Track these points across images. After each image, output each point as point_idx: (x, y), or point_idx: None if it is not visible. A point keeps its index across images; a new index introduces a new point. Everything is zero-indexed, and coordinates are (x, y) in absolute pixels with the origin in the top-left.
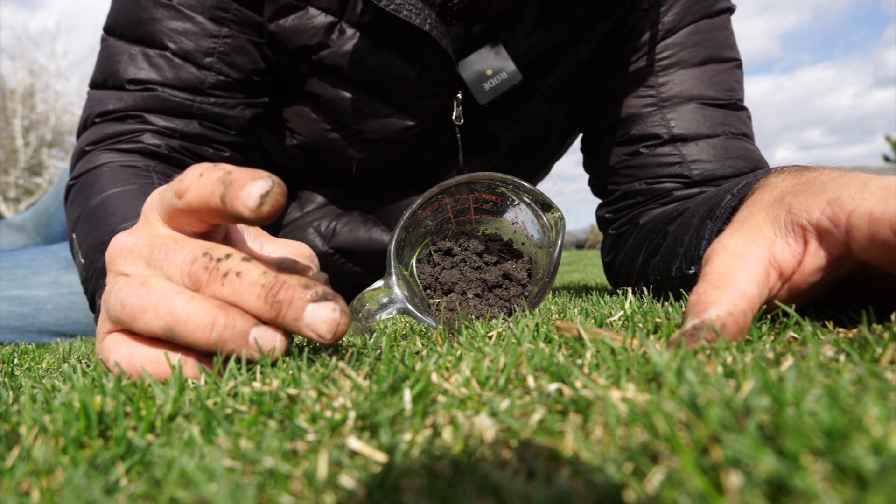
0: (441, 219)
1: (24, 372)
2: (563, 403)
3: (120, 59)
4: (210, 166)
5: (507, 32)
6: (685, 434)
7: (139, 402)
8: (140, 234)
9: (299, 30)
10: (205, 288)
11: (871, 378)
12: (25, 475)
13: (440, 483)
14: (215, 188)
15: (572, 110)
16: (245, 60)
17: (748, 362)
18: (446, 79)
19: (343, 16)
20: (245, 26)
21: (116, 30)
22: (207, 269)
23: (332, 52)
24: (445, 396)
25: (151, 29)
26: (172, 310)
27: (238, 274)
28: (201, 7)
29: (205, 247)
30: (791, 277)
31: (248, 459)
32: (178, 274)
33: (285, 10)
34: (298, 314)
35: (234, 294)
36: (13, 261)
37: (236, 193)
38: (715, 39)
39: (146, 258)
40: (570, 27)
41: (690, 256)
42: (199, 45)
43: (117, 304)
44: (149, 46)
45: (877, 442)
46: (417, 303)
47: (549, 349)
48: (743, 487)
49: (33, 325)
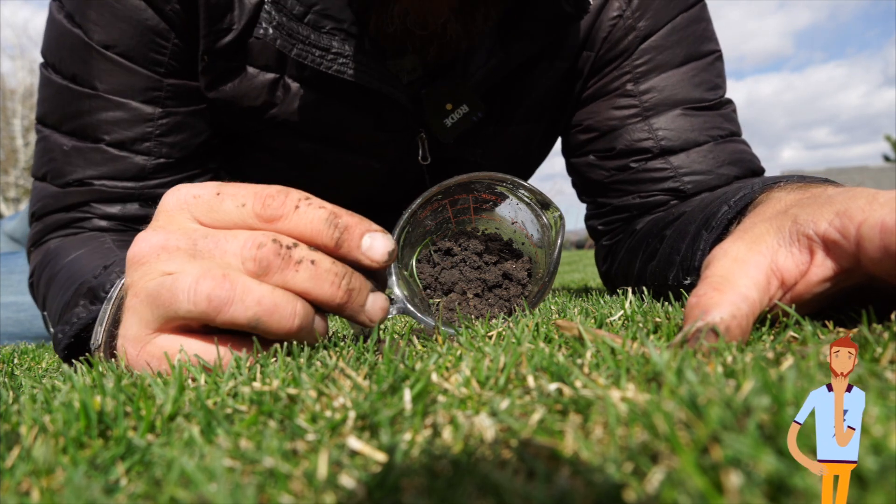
0: (441, 219)
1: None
2: (563, 403)
3: (56, 156)
4: (301, 197)
5: (464, 58)
6: (685, 434)
7: (139, 401)
8: (170, 231)
9: (241, 92)
10: (274, 274)
11: (871, 378)
12: (25, 475)
13: (440, 483)
14: (326, 229)
15: (552, 125)
16: (187, 136)
17: (748, 362)
18: (405, 121)
19: (284, 71)
20: (182, 99)
21: (49, 121)
22: (280, 255)
23: (282, 109)
24: (445, 396)
25: (83, 122)
26: (261, 300)
27: (313, 262)
28: (132, 91)
29: (268, 234)
30: (794, 287)
31: (248, 459)
32: (237, 261)
33: (222, 77)
34: (364, 301)
35: (309, 281)
36: (9, 266)
37: (355, 242)
38: (693, 34)
39: (189, 251)
40: (530, 44)
41: (686, 266)
42: (133, 132)
43: (201, 298)
44: (82, 139)
45: (877, 442)
46: (417, 303)
47: (549, 349)
48: (743, 487)
49: (30, 332)
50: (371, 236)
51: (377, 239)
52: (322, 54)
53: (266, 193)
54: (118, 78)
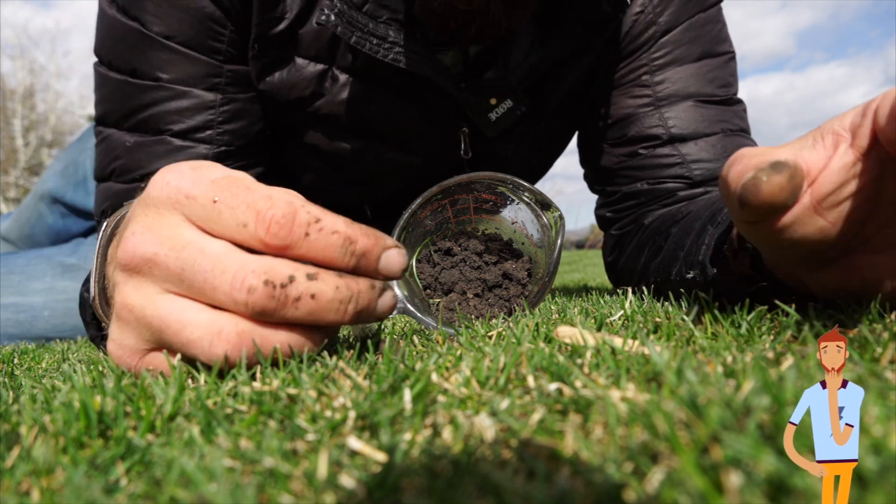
0: (441, 219)
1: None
2: (563, 403)
3: (119, 153)
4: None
5: (504, 53)
6: (685, 434)
7: (139, 401)
8: (160, 238)
9: (290, 83)
10: (273, 315)
11: (871, 378)
12: (25, 475)
13: (440, 483)
14: (342, 258)
15: (572, 116)
16: (246, 122)
17: (748, 362)
18: (450, 115)
19: (333, 62)
20: (242, 85)
21: (110, 120)
22: (274, 297)
23: (328, 101)
24: (445, 396)
25: (146, 115)
26: (281, 347)
27: (313, 296)
28: (194, 79)
29: (258, 271)
30: (816, 180)
31: (248, 459)
32: (230, 303)
33: (271, 66)
34: (373, 314)
35: (311, 315)
36: (8, 266)
37: (372, 266)
38: (709, 34)
39: (177, 275)
40: (568, 42)
41: (690, 261)
42: (196, 120)
43: (219, 358)
44: (145, 133)
45: (877, 442)
46: (417, 303)
47: (549, 349)
48: (743, 487)
49: (30, 332)
50: (387, 255)
51: (392, 257)
52: (379, 43)
53: (270, 218)
54: (180, 67)
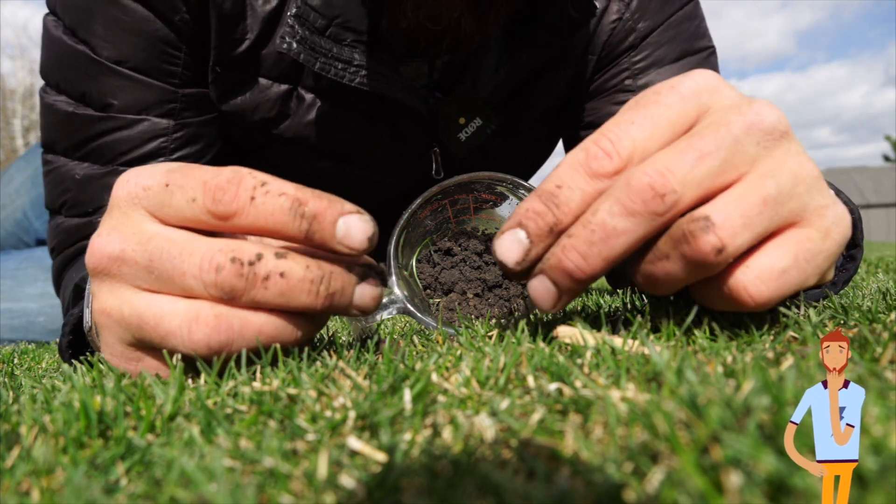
0: (441, 218)
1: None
2: (563, 403)
3: (69, 186)
4: (256, 183)
5: (473, 69)
6: (685, 434)
7: (139, 401)
8: (126, 237)
9: (254, 104)
10: (243, 296)
11: (871, 378)
12: (25, 475)
13: (440, 483)
14: (291, 221)
15: (555, 126)
16: (200, 147)
17: (748, 362)
18: (420, 135)
19: (299, 81)
20: (197, 109)
21: (58, 148)
22: (242, 275)
23: (294, 122)
24: (445, 396)
25: (96, 145)
26: (261, 330)
27: (282, 274)
28: (147, 105)
29: (224, 249)
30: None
31: (248, 459)
32: (200, 286)
33: (233, 88)
34: (349, 299)
35: (282, 296)
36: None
37: (328, 231)
38: (687, 31)
39: (146, 269)
40: (539, 52)
41: None
42: (149, 148)
43: (200, 346)
44: (95, 163)
45: (877, 442)
46: (417, 303)
47: (549, 349)
48: (743, 487)
49: (27, 337)
50: (345, 220)
51: (352, 222)
52: (345, 67)
53: (215, 184)
54: (133, 93)
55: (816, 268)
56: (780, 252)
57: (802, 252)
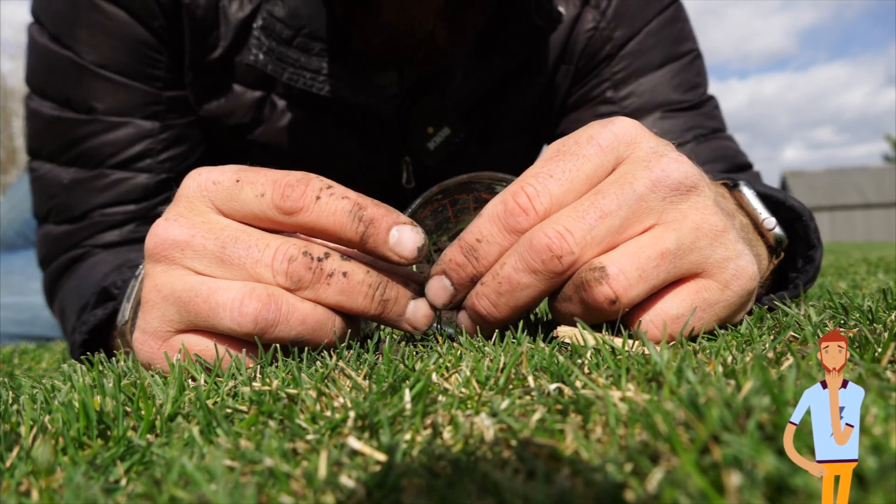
0: (441, 218)
1: (24, 372)
2: (563, 403)
3: (56, 191)
4: (323, 186)
5: (442, 79)
6: (685, 434)
7: (139, 401)
8: (195, 224)
9: (228, 109)
10: (307, 289)
11: (871, 378)
12: (25, 475)
13: (440, 483)
14: (350, 223)
15: (537, 137)
16: (186, 148)
17: (748, 362)
18: (390, 143)
19: (272, 88)
20: (181, 110)
21: (44, 154)
22: (311, 269)
23: (268, 128)
24: (445, 396)
25: (82, 149)
26: (305, 319)
27: (345, 274)
28: (132, 108)
29: (298, 244)
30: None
31: (248, 459)
32: (270, 274)
33: (208, 92)
34: (402, 310)
35: (341, 294)
36: (8, 266)
37: (381, 237)
38: (669, 36)
39: (217, 255)
40: (506, 60)
41: None
42: (135, 150)
43: (248, 320)
44: (82, 168)
45: (877, 442)
46: None
47: (549, 349)
48: (743, 487)
49: (31, 332)
50: (399, 229)
51: (405, 232)
52: (313, 76)
53: (285, 182)
54: (117, 96)
55: (714, 316)
56: (676, 300)
57: (699, 301)
